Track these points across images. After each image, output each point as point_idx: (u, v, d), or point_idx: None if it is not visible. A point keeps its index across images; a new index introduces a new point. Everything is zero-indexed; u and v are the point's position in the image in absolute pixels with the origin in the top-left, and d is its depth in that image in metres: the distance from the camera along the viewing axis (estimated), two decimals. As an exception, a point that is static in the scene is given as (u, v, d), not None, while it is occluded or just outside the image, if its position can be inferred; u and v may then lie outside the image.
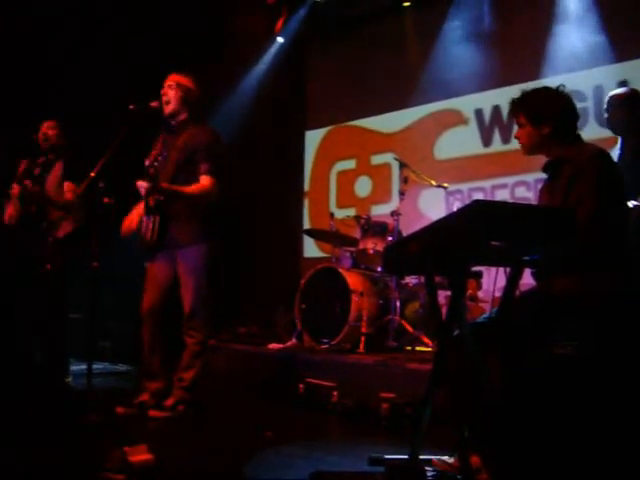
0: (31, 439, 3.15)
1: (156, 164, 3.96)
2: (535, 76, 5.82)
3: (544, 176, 2.91)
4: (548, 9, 6.06)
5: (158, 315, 4.00)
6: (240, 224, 7.39)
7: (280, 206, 7.81)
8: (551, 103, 2.79)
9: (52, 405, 3.97)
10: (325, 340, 5.30)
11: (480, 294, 5.47)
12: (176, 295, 4.02)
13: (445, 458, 2.63)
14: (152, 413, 3.83)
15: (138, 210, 4.08)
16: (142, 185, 3.83)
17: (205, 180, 3.92)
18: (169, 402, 3.90)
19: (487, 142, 6.60)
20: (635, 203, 3.58)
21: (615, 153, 4.11)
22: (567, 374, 2.35)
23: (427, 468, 2.58)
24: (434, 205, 6.45)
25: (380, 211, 6.84)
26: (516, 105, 2.87)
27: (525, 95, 2.85)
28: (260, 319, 6.75)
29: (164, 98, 4.01)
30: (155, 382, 3.98)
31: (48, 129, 4.99)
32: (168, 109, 4.02)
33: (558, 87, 2.84)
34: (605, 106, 4.25)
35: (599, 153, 2.68)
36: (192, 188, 3.90)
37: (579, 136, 2.82)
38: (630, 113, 4.16)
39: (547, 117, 2.76)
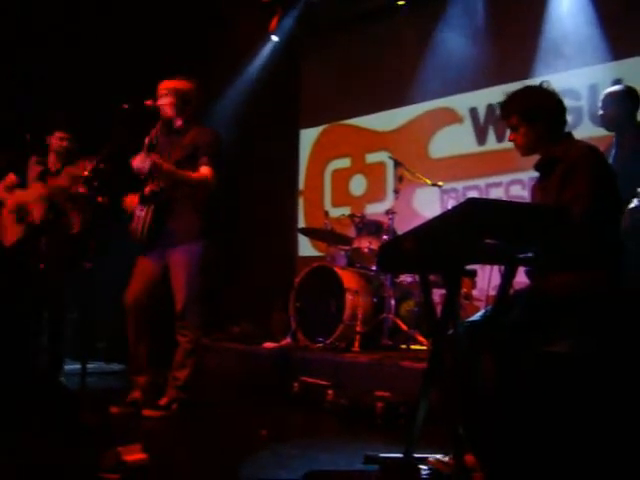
0: (25, 439, 3.14)
1: (154, 142, 4.01)
2: (529, 74, 5.82)
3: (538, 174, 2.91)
4: (542, 7, 6.06)
5: (142, 308, 4.00)
6: (234, 222, 7.38)
7: (275, 205, 7.80)
8: (541, 99, 2.80)
9: (47, 405, 3.96)
10: (320, 339, 5.30)
11: (474, 292, 5.47)
12: (169, 292, 4.02)
13: (440, 457, 2.64)
14: (146, 412, 3.83)
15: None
16: (149, 158, 3.79)
17: (205, 170, 3.93)
18: (163, 401, 3.90)
19: (482, 140, 6.61)
20: (634, 204, 3.59)
21: (611, 152, 4.13)
22: (561, 372, 2.35)
23: (422, 466, 2.58)
24: (429, 204, 6.45)
25: (375, 210, 6.83)
26: (507, 107, 2.86)
27: (513, 95, 2.85)
28: (255, 318, 6.74)
29: (158, 106, 4.02)
30: (143, 376, 3.99)
31: (61, 140, 5.08)
32: (165, 116, 4.06)
33: (541, 84, 2.84)
34: (600, 103, 4.26)
35: (590, 150, 2.68)
36: (192, 174, 3.91)
37: (570, 133, 2.83)
38: (625, 110, 4.17)
39: (540, 113, 2.76)
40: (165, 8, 6.76)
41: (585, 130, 5.43)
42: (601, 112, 4.22)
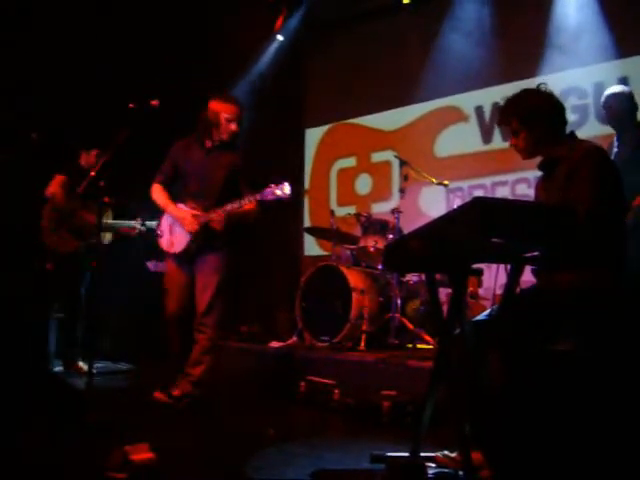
0: (31, 438, 3.14)
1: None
2: (535, 73, 5.81)
3: (543, 173, 2.91)
4: (548, 5, 6.05)
5: (185, 316, 4.12)
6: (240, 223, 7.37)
7: (280, 204, 7.79)
8: (539, 102, 2.80)
9: (53, 404, 3.98)
10: (326, 338, 5.30)
11: (481, 291, 5.47)
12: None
13: (447, 452, 2.64)
14: (157, 395, 4.00)
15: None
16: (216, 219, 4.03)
17: (253, 205, 4.15)
18: (176, 392, 4.00)
19: (487, 139, 6.60)
20: None
21: (613, 150, 4.16)
22: (567, 370, 2.35)
23: (429, 465, 2.59)
24: (434, 203, 6.45)
25: (380, 209, 6.84)
26: (506, 112, 2.86)
27: (511, 100, 2.85)
28: (261, 318, 6.75)
29: (232, 128, 4.19)
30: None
31: (98, 157, 5.28)
32: (227, 139, 4.21)
33: (539, 86, 2.84)
34: (602, 104, 4.32)
35: (594, 149, 2.68)
36: (251, 210, 4.17)
37: (573, 133, 2.83)
38: (627, 108, 4.23)
39: (539, 116, 2.77)
40: (170, 8, 6.76)
41: (591, 128, 5.43)
42: (604, 112, 4.29)
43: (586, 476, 2.24)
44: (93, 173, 4.04)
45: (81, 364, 5.33)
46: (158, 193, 4.23)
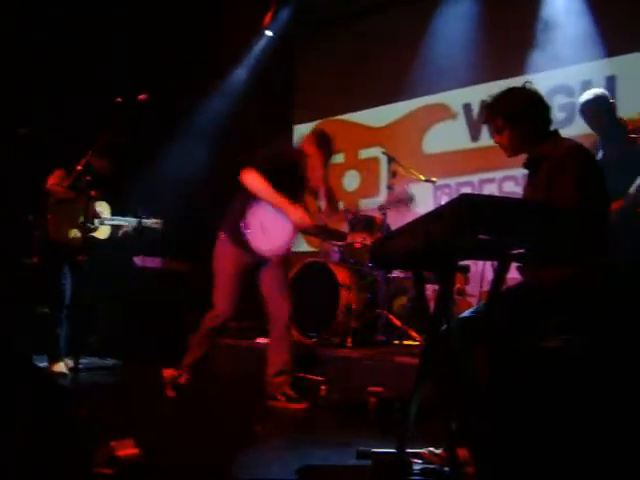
0: (18, 434, 3.13)
1: None
2: (523, 71, 5.83)
3: (530, 171, 2.92)
4: (537, 4, 6.07)
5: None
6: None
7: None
8: (524, 100, 2.81)
9: (38, 400, 3.95)
10: (313, 334, 5.30)
11: (468, 288, 5.48)
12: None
13: (433, 449, 2.65)
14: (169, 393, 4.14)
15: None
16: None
17: None
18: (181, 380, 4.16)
19: (475, 137, 6.62)
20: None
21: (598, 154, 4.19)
22: (554, 368, 2.36)
23: (414, 461, 2.59)
24: (422, 199, 6.45)
25: (368, 205, 6.84)
26: (491, 110, 2.88)
27: (497, 98, 2.87)
28: (248, 313, 6.72)
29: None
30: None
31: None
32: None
33: (524, 84, 2.86)
34: (579, 110, 4.35)
35: (576, 147, 2.70)
36: None
37: (556, 131, 2.85)
38: (605, 111, 4.25)
39: (524, 115, 2.79)
40: (169, 7, 6.73)
41: (578, 126, 5.42)
42: (584, 118, 4.33)
43: (572, 473, 2.25)
44: (80, 167, 4.02)
45: (66, 360, 5.29)
46: (263, 181, 4.01)
